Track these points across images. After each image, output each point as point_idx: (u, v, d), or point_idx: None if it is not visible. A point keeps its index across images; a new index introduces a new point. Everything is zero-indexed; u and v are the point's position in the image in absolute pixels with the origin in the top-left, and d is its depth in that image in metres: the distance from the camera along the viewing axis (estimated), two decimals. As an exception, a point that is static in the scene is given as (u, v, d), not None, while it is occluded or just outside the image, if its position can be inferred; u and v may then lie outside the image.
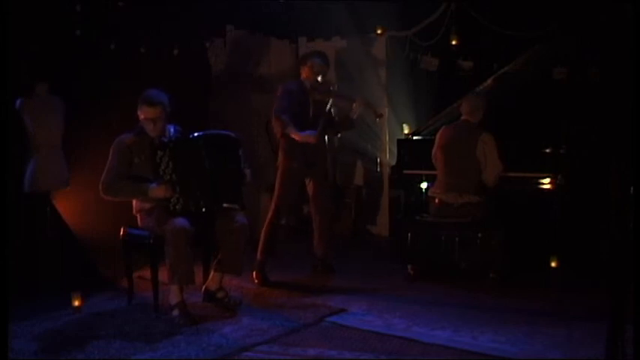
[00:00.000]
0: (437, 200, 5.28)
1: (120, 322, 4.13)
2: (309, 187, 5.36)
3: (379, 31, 6.83)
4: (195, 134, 4.34)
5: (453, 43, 6.36)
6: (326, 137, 5.37)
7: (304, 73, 5.23)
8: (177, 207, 4.24)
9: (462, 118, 5.33)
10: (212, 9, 6.44)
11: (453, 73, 6.42)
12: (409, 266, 5.26)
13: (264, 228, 5.24)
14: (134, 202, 4.40)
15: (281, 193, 5.23)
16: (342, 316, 4.29)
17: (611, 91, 5.18)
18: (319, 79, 5.20)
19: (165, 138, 4.33)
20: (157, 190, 4.20)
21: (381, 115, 5.57)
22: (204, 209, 4.28)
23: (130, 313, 4.34)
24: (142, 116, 4.30)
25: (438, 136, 5.40)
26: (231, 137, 4.46)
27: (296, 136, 5.06)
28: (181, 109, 4.46)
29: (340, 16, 6.70)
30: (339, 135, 5.41)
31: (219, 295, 4.48)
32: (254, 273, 5.11)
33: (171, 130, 4.44)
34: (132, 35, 6.03)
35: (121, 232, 4.44)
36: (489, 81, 5.87)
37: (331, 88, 5.27)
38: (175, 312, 4.15)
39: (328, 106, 5.21)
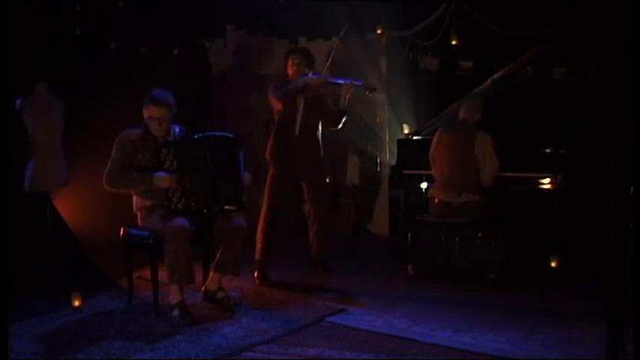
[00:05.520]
0: (436, 200, 5.28)
1: (120, 322, 4.12)
2: (304, 187, 5.35)
3: (379, 31, 6.82)
4: (200, 134, 4.34)
5: (453, 43, 6.35)
6: (319, 135, 5.32)
7: (289, 70, 5.26)
8: (178, 206, 4.25)
9: (460, 118, 5.34)
10: (212, 9, 6.44)
11: (453, 73, 6.42)
12: (409, 266, 5.26)
13: (258, 229, 5.23)
14: (135, 199, 4.40)
15: (270, 194, 5.22)
16: (342, 316, 4.29)
17: (612, 91, 5.16)
18: (306, 72, 5.18)
19: (170, 137, 4.33)
20: (163, 179, 4.20)
21: (374, 89, 5.37)
22: (205, 209, 4.28)
23: (130, 313, 4.33)
24: (147, 115, 4.29)
25: (435, 136, 5.40)
26: (232, 139, 4.43)
27: (303, 82, 5.03)
28: (181, 109, 4.46)
29: (340, 16, 6.69)
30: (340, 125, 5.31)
31: (219, 295, 4.47)
32: (255, 273, 5.12)
33: (176, 129, 4.44)
34: (132, 35, 6.04)
35: (121, 232, 4.43)
36: (489, 81, 5.88)
37: (323, 74, 5.20)
38: (175, 312, 4.15)
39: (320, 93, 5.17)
